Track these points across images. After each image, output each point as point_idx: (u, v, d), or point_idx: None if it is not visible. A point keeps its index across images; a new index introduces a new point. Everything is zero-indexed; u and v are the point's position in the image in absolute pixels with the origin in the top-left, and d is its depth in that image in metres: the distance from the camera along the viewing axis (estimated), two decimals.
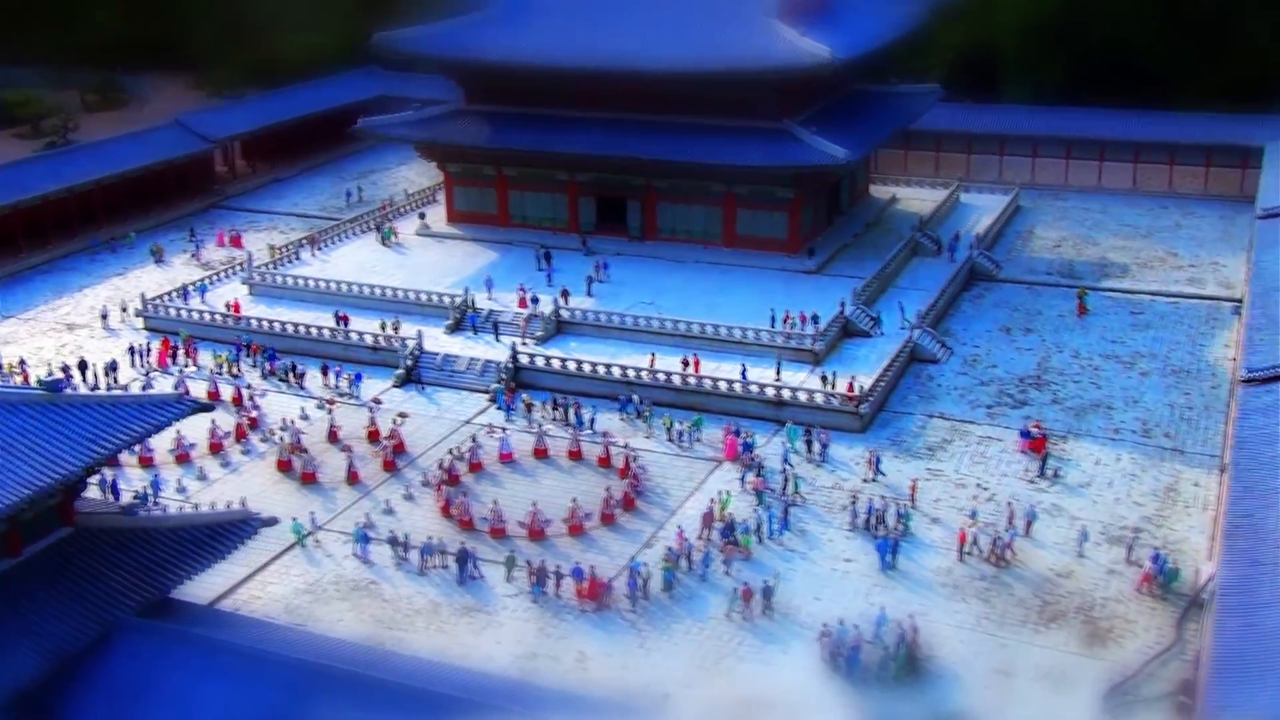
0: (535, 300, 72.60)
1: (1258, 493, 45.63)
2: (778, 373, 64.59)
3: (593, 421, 61.82)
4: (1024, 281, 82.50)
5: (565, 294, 73.53)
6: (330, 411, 63.02)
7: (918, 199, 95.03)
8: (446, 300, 73.26)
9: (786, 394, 62.54)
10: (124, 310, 77.40)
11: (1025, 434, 59.23)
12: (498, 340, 69.89)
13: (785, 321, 68.70)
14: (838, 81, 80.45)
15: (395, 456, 58.70)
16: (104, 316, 76.92)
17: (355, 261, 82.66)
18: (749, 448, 58.21)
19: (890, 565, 49.86)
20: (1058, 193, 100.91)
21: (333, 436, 60.77)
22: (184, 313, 74.77)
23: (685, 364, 65.15)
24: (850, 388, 62.20)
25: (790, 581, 49.10)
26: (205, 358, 70.62)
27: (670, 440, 60.47)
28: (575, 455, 58.92)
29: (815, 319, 68.42)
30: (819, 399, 62.15)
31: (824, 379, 63.64)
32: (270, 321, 72.37)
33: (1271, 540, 42.01)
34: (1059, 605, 47.59)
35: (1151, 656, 44.51)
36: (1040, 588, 48.74)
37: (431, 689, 33.31)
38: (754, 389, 63.03)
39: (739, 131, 77.74)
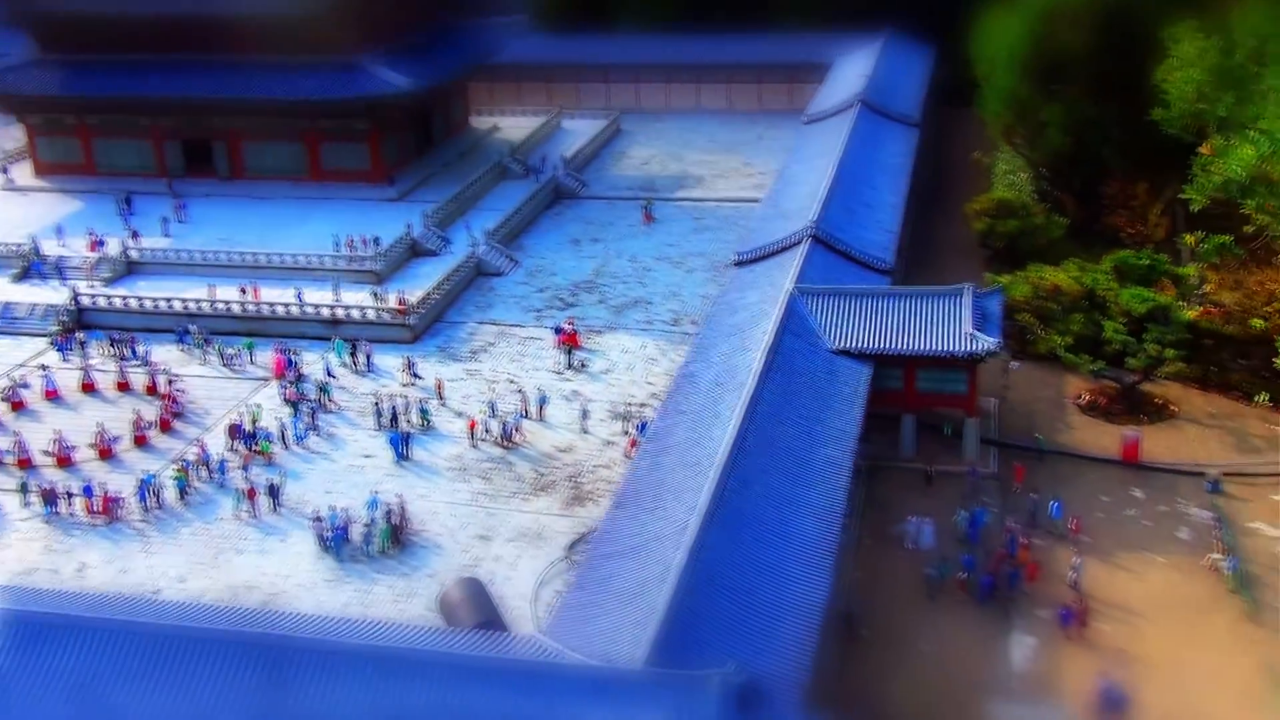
0: (102, 243, 72.89)
1: (704, 355, 51.23)
2: (335, 293, 67.04)
3: (147, 354, 63.08)
4: (606, 197, 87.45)
5: (135, 235, 74.10)
6: None
7: (520, 128, 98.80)
8: (10, 249, 72.66)
9: (340, 313, 65.22)
10: None
11: (558, 330, 63.71)
12: (63, 285, 69.93)
13: (348, 246, 71.18)
14: (413, 15, 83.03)
15: None
16: None
17: None
18: (293, 364, 60.68)
19: (404, 456, 53.32)
20: (659, 115, 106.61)
21: None
22: None
23: (243, 291, 66.97)
24: (400, 302, 65.32)
25: (306, 479, 52.03)
26: None
27: (224, 365, 62.36)
28: (123, 386, 60.15)
29: (376, 241, 71.19)
30: (371, 315, 65.07)
31: (375, 295, 66.58)
32: None
33: (701, 392, 47.46)
34: (552, 476, 52.05)
35: None
36: (540, 463, 53.12)
37: None
38: (310, 310, 65.45)
39: (315, 67, 79.33)
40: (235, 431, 54.36)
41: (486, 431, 54.80)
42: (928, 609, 42.96)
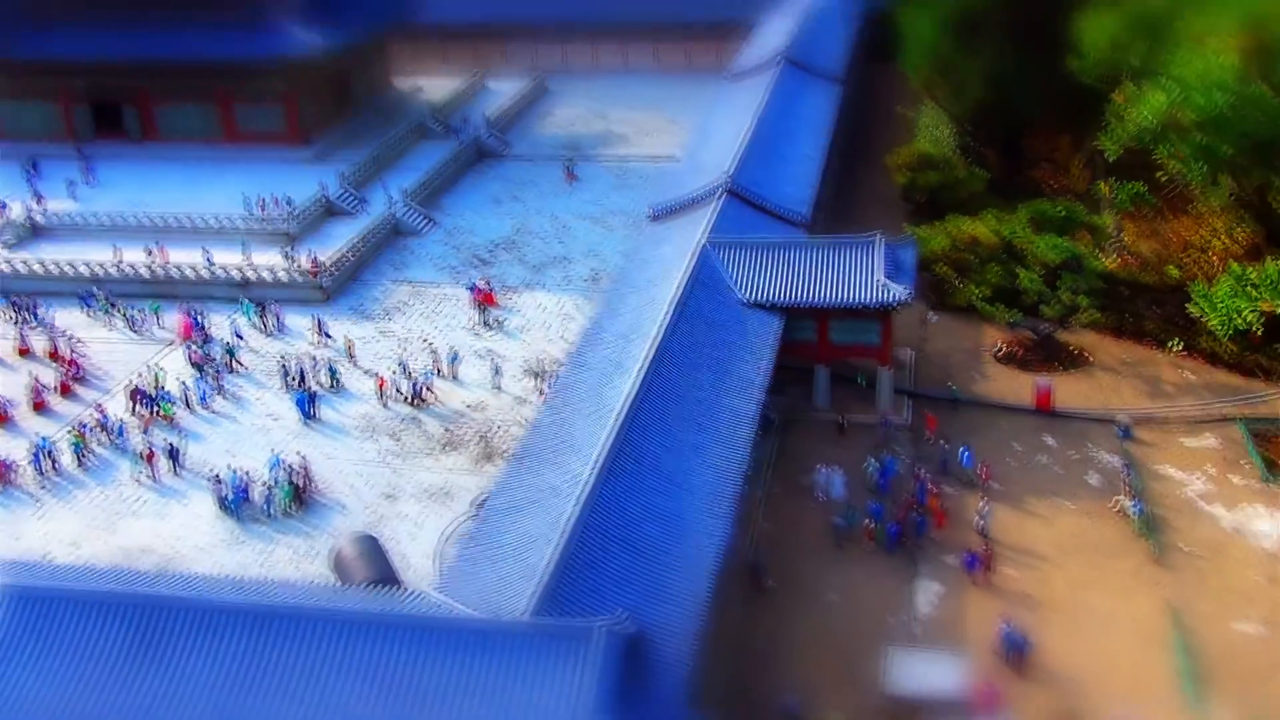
0: (4, 207, 70.92)
1: (613, 308, 50.50)
2: (245, 255, 65.57)
3: (49, 319, 61.48)
4: (529, 157, 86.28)
5: (40, 199, 72.17)
6: None
7: (443, 88, 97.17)
8: None
9: (251, 274, 63.82)
10: None
11: (473, 288, 62.70)
12: None
13: (260, 207, 69.65)
14: None
15: None
16: None
17: None
18: (200, 326, 59.31)
19: (311, 416, 52.25)
20: (586, 75, 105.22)
21: None
22: None
23: (150, 254, 65.40)
24: (313, 263, 64.01)
25: (209, 441, 50.89)
26: None
27: (130, 328, 60.86)
28: (24, 352, 58.59)
29: (289, 202, 69.73)
30: (282, 276, 63.74)
31: (286, 256, 65.19)
32: None
33: (607, 345, 46.69)
34: (463, 434, 51.19)
35: None
36: (451, 421, 52.25)
37: None
38: (219, 272, 64.01)
39: (228, 26, 77.37)
40: (136, 394, 53.00)
41: (397, 390, 53.81)
42: (835, 558, 42.62)
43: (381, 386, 53.57)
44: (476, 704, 28.53)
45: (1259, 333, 52.36)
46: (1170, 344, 55.59)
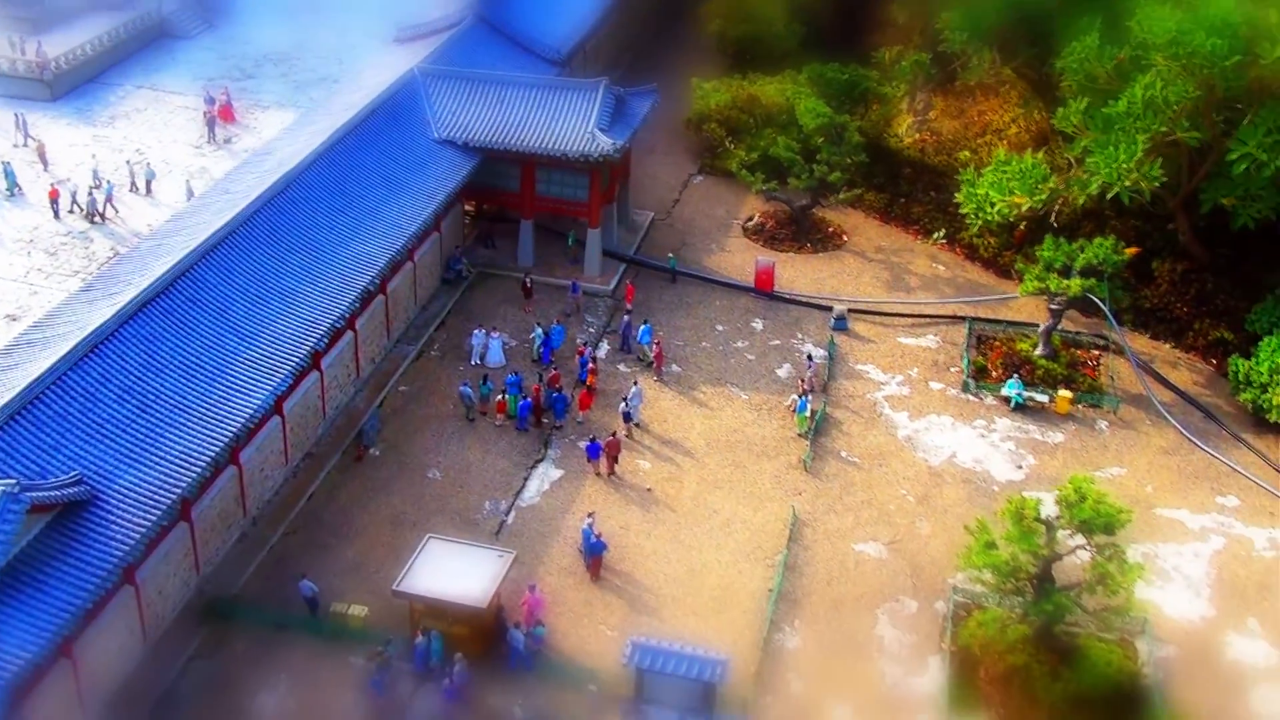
0: None
1: (293, 133, 45.47)
2: None
3: None
4: None
5: None
6: None
7: None
8: None
9: None
10: None
11: (210, 101, 57.34)
12: None
13: None
14: None
15: None
16: None
17: None
18: None
19: None
20: None
21: None
22: None
23: None
24: (39, 55, 58.32)
25: None
26: None
27: None
28: None
29: None
30: (4, 65, 58.07)
31: (12, 44, 59.39)
32: None
33: (259, 173, 41.83)
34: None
35: None
36: (125, 243, 47.51)
37: None
38: None
39: None
40: None
41: (74, 203, 48.93)
42: (459, 431, 38.62)
43: (53, 196, 48.64)
44: None
45: (1020, 229, 48.13)
46: (935, 234, 51.16)
